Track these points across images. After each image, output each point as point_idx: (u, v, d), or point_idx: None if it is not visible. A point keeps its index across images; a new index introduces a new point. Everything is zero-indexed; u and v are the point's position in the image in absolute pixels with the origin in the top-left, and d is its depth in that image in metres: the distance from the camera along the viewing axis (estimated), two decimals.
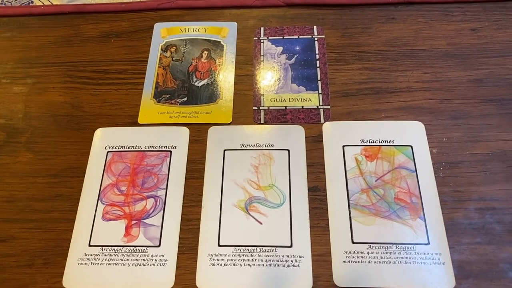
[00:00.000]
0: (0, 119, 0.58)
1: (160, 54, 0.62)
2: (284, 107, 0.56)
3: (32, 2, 0.68)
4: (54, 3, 0.68)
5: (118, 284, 0.46)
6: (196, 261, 0.47)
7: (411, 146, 0.52)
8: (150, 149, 0.54)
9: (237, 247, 0.47)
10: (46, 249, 0.49)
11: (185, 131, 0.55)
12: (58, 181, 0.53)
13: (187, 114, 0.56)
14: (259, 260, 0.46)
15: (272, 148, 0.53)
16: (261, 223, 0.49)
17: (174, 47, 0.62)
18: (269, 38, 0.63)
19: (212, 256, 0.47)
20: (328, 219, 0.48)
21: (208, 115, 0.56)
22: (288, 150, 0.53)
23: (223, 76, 0.59)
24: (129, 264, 0.47)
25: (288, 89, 0.58)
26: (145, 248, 0.48)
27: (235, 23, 0.64)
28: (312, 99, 0.57)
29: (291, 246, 0.47)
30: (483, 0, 0.63)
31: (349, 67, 0.59)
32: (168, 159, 0.53)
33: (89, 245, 0.48)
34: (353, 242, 0.47)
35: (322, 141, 0.54)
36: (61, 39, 0.64)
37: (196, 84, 0.59)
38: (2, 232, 0.50)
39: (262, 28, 0.64)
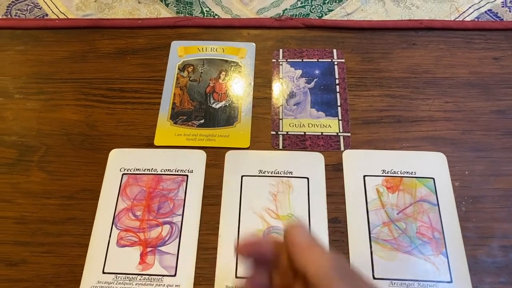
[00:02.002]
0: (13, 136, 0.56)
1: (177, 74, 0.61)
2: (303, 133, 0.55)
3: (47, 15, 0.67)
4: (69, 17, 0.67)
5: None
6: None
7: (433, 179, 0.51)
8: (166, 172, 0.53)
9: None
10: (58, 275, 0.48)
11: (202, 154, 0.54)
12: (72, 203, 0.52)
13: (204, 137, 0.55)
14: None
15: (290, 175, 0.52)
16: None
17: (192, 67, 0.61)
18: (288, 60, 0.62)
19: None
20: (348, 253, 0.47)
21: (226, 139, 0.55)
22: (308, 178, 0.52)
23: (241, 99, 0.58)
24: None
25: (307, 114, 0.57)
26: (160, 277, 0.47)
27: (254, 44, 0.63)
28: (332, 126, 0.56)
29: None
30: (505, 28, 0.63)
31: (369, 93, 0.58)
32: (184, 183, 0.52)
33: (103, 272, 0.47)
34: (374, 278, 0.46)
35: (342, 170, 0.53)
36: (75, 54, 0.63)
37: (213, 106, 0.58)
38: (14, 255, 0.49)
39: (281, 50, 0.63)
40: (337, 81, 0.59)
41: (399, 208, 0.50)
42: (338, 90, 0.59)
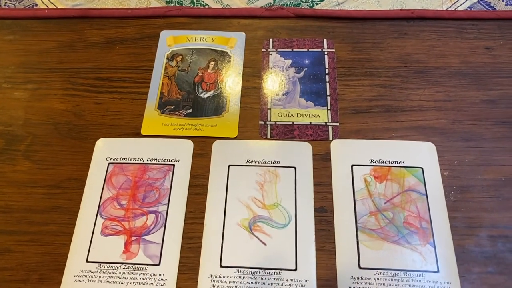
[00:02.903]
0: None
1: (166, 63, 0.60)
2: (291, 123, 0.55)
3: (36, 5, 0.67)
4: (59, 7, 0.66)
5: None
6: (197, 282, 0.45)
7: (422, 168, 0.51)
8: (152, 162, 0.53)
9: (240, 269, 0.46)
10: (42, 263, 0.47)
11: (189, 144, 0.54)
12: (57, 193, 0.51)
13: (191, 127, 0.55)
14: (262, 283, 0.45)
15: (278, 165, 0.52)
16: (265, 244, 0.47)
17: (180, 57, 0.61)
18: (278, 50, 0.61)
19: (213, 277, 0.45)
20: (334, 242, 0.47)
21: (213, 128, 0.55)
22: (295, 168, 0.51)
23: (229, 88, 0.58)
24: (127, 283, 0.46)
25: (296, 104, 0.56)
26: (144, 266, 0.46)
27: (243, 34, 0.63)
28: (320, 115, 0.55)
29: (295, 270, 0.45)
30: (497, 18, 0.62)
31: (359, 83, 0.58)
32: (170, 173, 0.52)
33: (87, 261, 0.47)
34: (360, 268, 0.45)
35: (330, 160, 0.52)
36: (64, 44, 0.63)
37: (201, 95, 0.57)
38: None
39: (271, 40, 0.62)
40: (327, 71, 0.59)
41: (387, 197, 0.49)
42: (327, 79, 0.58)
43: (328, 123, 0.54)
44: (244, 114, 0.56)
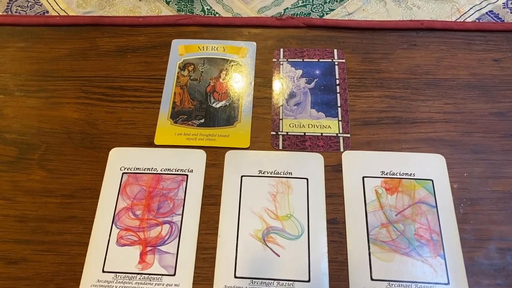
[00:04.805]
0: (13, 134, 0.57)
1: (178, 73, 0.61)
2: (303, 133, 0.56)
3: (47, 12, 0.67)
4: (70, 14, 0.67)
5: None
6: None
7: (432, 180, 0.51)
8: (166, 172, 0.53)
9: (254, 280, 0.47)
10: (58, 273, 0.48)
11: (202, 154, 0.54)
12: (72, 202, 0.52)
13: (204, 137, 0.56)
14: None
15: (290, 176, 0.52)
16: (278, 256, 0.48)
17: (192, 66, 0.61)
18: (289, 60, 0.62)
19: None
20: (346, 254, 0.48)
21: (226, 139, 0.55)
22: (307, 179, 0.52)
23: (241, 98, 0.59)
24: None
25: (308, 114, 0.57)
26: (159, 276, 0.47)
27: (254, 43, 0.63)
28: (331, 126, 0.56)
29: (309, 281, 0.46)
30: (505, 29, 0.63)
31: (369, 94, 0.58)
32: (184, 183, 0.52)
33: (103, 271, 0.48)
34: (372, 279, 0.46)
35: (342, 171, 0.53)
36: (76, 52, 0.63)
37: (213, 105, 0.58)
38: (14, 254, 0.49)
39: (281, 50, 0.63)
40: (337, 82, 0.59)
41: (398, 209, 0.50)
42: (338, 90, 0.59)
43: (339, 134, 0.55)
44: (256, 124, 0.57)
